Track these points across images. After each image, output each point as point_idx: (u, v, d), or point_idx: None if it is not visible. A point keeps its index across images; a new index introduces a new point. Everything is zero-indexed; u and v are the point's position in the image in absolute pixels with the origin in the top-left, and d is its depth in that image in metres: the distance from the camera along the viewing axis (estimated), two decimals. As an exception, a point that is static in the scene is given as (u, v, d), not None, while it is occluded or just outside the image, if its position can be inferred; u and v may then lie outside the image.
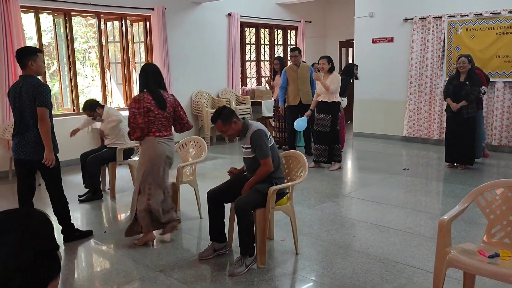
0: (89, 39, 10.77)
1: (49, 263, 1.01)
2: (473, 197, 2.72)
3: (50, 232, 1.05)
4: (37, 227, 1.01)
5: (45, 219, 1.05)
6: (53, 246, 1.04)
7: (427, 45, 8.15)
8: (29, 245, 0.97)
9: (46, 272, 1.00)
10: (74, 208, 4.99)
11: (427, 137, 8.33)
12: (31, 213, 1.04)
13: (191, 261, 3.48)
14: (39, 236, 1.00)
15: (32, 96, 3.56)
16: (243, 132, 3.61)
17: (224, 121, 3.51)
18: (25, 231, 0.98)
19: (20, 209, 1.05)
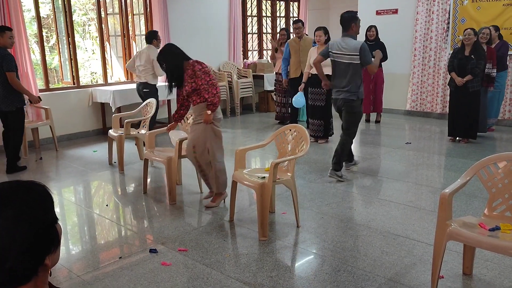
0: (88, 11, 10.60)
1: (47, 236, 1.00)
2: (475, 171, 2.70)
3: (49, 205, 1.04)
4: (36, 199, 1.00)
5: (44, 192, 1.04)
6: (51, 219, 1.03)
7: (432, 17, 7.99)
8: (27, 218, 0.96)
9: (45, 245, 0.99)
10: (86, 180, 5.02)
11: (430, 111, 8.28)
12: (29, 185, 1.03)
13: (192, 234, 3.50)
14: (38, 209, 0.99)
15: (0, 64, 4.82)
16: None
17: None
18: (23, 204, 0.97)
19: (19, 181, 1.03)
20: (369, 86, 7.67)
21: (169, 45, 4.09)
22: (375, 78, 7.64)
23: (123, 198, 4.59)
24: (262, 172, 3.71)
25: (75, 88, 7.04)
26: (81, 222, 3.98)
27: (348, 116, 4.74)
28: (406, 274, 2.84)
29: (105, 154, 5.77)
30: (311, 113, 6.51)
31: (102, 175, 5.23)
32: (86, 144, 6.70)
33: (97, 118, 7.29)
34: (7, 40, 4.88)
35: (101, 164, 5.59)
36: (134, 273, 2.92)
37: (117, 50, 7.91)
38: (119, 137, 5.21)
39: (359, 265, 2.96)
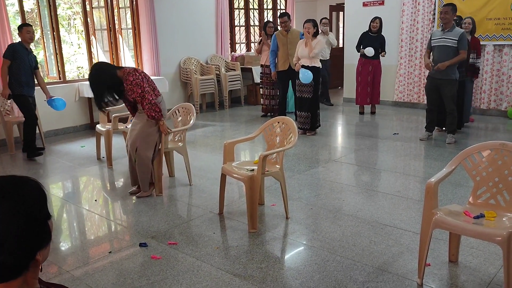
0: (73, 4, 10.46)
1: (39, 231, 1.00)
2: (460, 160, 2.75)
3: (42, 201, 1.04)
4: (30, 195, 1.01)
5: (38, 188, 1.04)
6: (44, 215, 1.03)
7: (418, 8, 8.04)
8: (20, 212, 0.96)
9: (36, 240, 0.99)
10: (74, 175, 4.99)
11: (417, 102, 8.35)
12: (24, 181, 1.03)
13: (182, 227, 3.51)
14: (31, 204, 0.99)
15: None
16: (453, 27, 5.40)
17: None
18: (17, 198, 0.98)
19: (14, 176, 1.04)
20: (367, 78, 7.68)
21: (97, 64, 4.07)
22: (374, 70, 7.66)
23: (112, 193, 4.57)
24: (251, 164, 3.72)
25: (61, 83, 6.97)
26: (70, 217, 3.96)
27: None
28: (394, 263, 2.89)
29: (93, 149, 5.73)
30: (298, 105, 6.53)
31: (90, 170, 5.20)
32: (74, 140, 6.65)
33: (84, 113, 7.23)
34: (26, 35, 5.38)
35: (89, 159, 5.56)
36: (124, 268, 2.92)
37: (103, 44, 7.83)
38: (107, 132, 5.18)
39: (348, 255, 3.00)
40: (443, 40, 5.49)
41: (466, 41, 5.48)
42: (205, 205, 3.97)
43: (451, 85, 5.59)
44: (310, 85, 6.20)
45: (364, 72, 7.67)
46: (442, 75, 5.55)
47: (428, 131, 6.03)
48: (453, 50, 5.44)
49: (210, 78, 8.51)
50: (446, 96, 5.65)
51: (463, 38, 5.39)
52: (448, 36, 5.44)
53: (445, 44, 5.47)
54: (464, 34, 5.44)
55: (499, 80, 7.40)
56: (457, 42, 5.39)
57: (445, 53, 5.47)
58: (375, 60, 7.57)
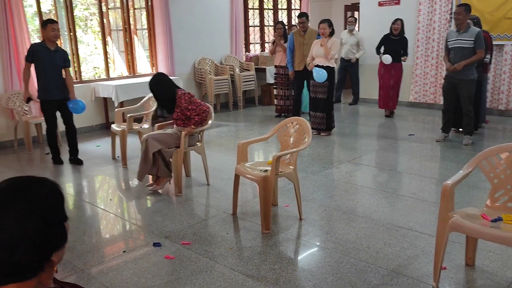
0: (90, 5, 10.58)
1: (55, 233, 1.00)
2: (477, 162, 2.70)
3: (59, 203, 1.04)
4: (46, 196, 1.01)
5: (55, 189, 1.04)
6: (61, 216, 1.03)
7: (434, 7, 7.94)
8: (36, 213, 0.96)
9: (53, 241, 1.00)
10: (89, 175, 5.05)
11: (433, 103, 8.24)
12: (41, 182, 1.03)
13: (196, 227, 3.52)
14: (47, 206, 1.00)
15: None
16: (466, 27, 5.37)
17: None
18: (34, 199, 0.98)
19: (31, 177, 1.04)
20: (390, 81, 7.49)
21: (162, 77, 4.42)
22: (396, 73, 7.44)
23: (126, 192, 4.61)
24: (265, 165, 3.71)
25: (78, 83, 7.04)
26: (85, 216, 4.00)
27: None
28: (409, 266, 2.85)
29: (108, 148, 5.79)
30: (312, 106, 6.50)
31: (105, 170, 5.26)
32: (89, 139, 6.72)
33: (100, 112, 7.31)
34: (50, 33, 4.98)
35: (104, 159, 5.61)
36: (138, 267, 2.94)
37: (119, 45, 7.91)
38: (122, 131, 5.23)
39: (362, 257, 2.97)
40: (459, 42, 5.41)
41: (483, 40, 5.39)
42: (219, 206, 3.98)
43: (468, 85, 5.50)
44: (324, 85, 6.17)
45: (387, 75, 7.49)
46: (460, 75, 5.47)
47: (444, 132, 5.95)
48: (470, 50, 5.36)
49: (224, 78, 8.53)
50: (463, 97, 5.56)
51: (479, 38, 5.30)
52: (464, 37, 5.36)
53: (461, 46, 5.39)
54: (480, 33, 5.35)
55: (518, 81, 7.26)
56: (474, 42, 5.30)
57: (461, 54, 5.39)
58: (397, 64, 7.36)
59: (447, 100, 5.82)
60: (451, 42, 5.52)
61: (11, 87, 6.20)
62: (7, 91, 6.19)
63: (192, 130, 4.33)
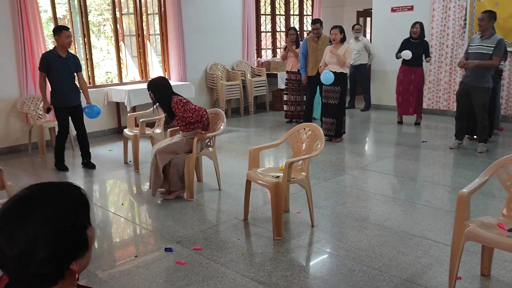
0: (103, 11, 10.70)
1: (74, 241, 0.98)
2: (494, 170, 2.66)
3: (81, 209, 1.01)
4: (66, 203, 0.98)
5: (77, 195, 1.01)
6: (82, 223, 1.01)
7: (448, 13, 7.88)
8: (54, 222, 0.94)
9: (71, 250, 0.98)
10: (101, 179, 5.08)
11: (447, 109, 8.16)
12: (62, 189, 1.01)
13: (207, 233, 3.51)
14: (67, 214, 0.97)
15: None
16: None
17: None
18: (52, 207, 0.96)
19: (54, 183, 1.02)
20: (409, 87, 7.29)
21: (163, 81, 4.45)
22: (416, 78, 7.23)
23: (138, 197, 4.62)
24: (276, 171, 3.70)
25: (91, 88, 7.09)
26: (96, 220, 4.02)
27: None
28: (423, 275, 2.81)
29: (120, 153, 5.82)
30: (324, 111, 6.47)
31: (117, 174, 5.28)
32: (102, 143, 6.77)
33: (112, 117, 7.36)
34: (65, 40, 5.00)
35: (116, 163, 5.64)
36: (149, 272, 2.94)
37: (132, 50, 7.97)
38: (134, 136, 5.25)
39: (375, 265, 2.93)
40: (480, 47, 5.35)
41: (502, 48, 5.31)
42: (230, 211, 3.97)
43: (483, 92, 5.43)
44: (336, 91, 6.14)
45: (406, 80, 7.32)
46: (475, 82, 5.40)
47: (458, 139, 5.88)
48: (489, 57, 5.29)
49: (235, 84, 8.54)
50: (477, 104, 5.49)
51: (499, 45, 5.24)
52: (486, 43, 5.29)
53: (481, 52, 5.32)
54: (501, 41, 5.28)
55: (533, 88, 7.17)
56: (494, 48, 5.24)
57: (480, 60, 5.32)
58: (418, 68, 7.20)
59: (460, 106, 5.75)
60: (472, 47, 5.46)
61: (26, 92, 6.27)
62: (22, 95, 6.27)
63: (203, 136, 4.34)
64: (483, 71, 5.33)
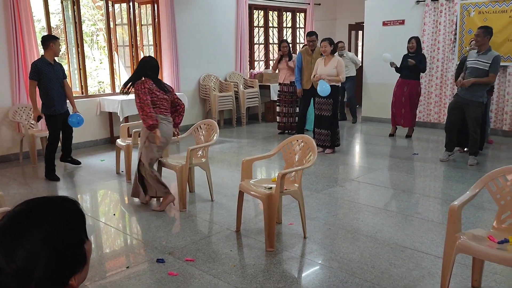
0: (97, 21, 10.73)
1: (72, 257, 0.98)
2: (484, 183, 2.69)
3: (77, 224, 1.01)
4: (64, 220, 0.97)
5: (74, 210, 1.01)
6: (78, 238, 1.00)
7: (439, 28, 8.01)
8: (53, 241, 0.94)
9: (68, 266, 0.97)
10: (93, 189, 5.04)
11: (437, 122, 8.26)
12: (59, 203, 1.00)
13: (199, 244, 3.50)
14: (65, 231, 0.96)
15: None
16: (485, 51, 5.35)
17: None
18: (50, 225, 0.95)
19: (49, 198, 1.01)
20: (401, 98, 7.38)
21: (150, 60, 4.27)
22: (409, 91, 7.30)
23: (130, 207, 4.59)
24: (269, 182, 3.71)
25: (84, 98, 7.10)
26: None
27: None
28: (415, 287, 2.82)
29: (112, 163, 5.80)
30: (317, 123, 6.51)
31: (109, 184, 5.25)
32: (94, 153, 6.74)
33: (105, 127, 7.34)
34: (58, 48, 5.26)
35: (108, 173, 5.62)
36: (141, 283, 2.92)
37: (125, 60, 7.99)
38: (127, 146, 5.24)
39: (367, 277, 2.94)
40: (475, 62, 5.41)
41: (498, 65, 5.38)
42: (223, 222, 3.96)
43: (476, 107, 5.50)
44: (329, 103, 6.20)
45: (399, 92, 7.41)
46: (470, 96, 5.47)
47: (448, 151, 5.93)
48: (484, 73, 5.34)
49: (228, 95, 8.58)
50: (470, 117, 5.56)
51: (495, 62, 5.29)
52: (482, 59, 5.35)
53: (477, 67, 5.37)
54: (498, 58, 5.33)
55: (522, 102, 7.28)
56: (490, 65, 5.31)
57: (476, 75, 5.37)
58: (412, 81, 7.28)
59: (450, 118, 5.81)
60: (469, 62, 5.51)
61: (18, 101, 6.24)
62: (15, 104, 6.24)
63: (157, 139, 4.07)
64: (479, 86, 5.40)
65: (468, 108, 5.52)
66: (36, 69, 5.11)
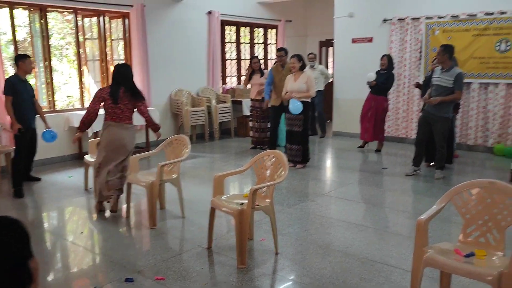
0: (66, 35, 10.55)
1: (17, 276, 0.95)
2: (450, 197, 2.76)
3: (21, 242, 0.98)
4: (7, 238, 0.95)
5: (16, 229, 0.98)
6: (23, 257, 0.98)
7: (405, 45, 8.26)
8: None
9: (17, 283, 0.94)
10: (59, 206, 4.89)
11: (405, 137, 8.45)
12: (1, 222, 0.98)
13: (170, 262, 3.44)
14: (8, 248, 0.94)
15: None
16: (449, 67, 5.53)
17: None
18: None
19: None
20: (367, 113, 7.55)
21: (127, 68, 4.67)
22: (376, 106, 7.48)
23: (99, 224, 4.48)
24: (241, 198, 3.70)
25: (52, 113, 6.93)
26: (53, 250, 3.86)
27: None
28: (385, 301, 2.85)
29: (81, 179, 5.66)
30: (288, 139, 6.56)
31: (77, 201, 5.12)
32: (61, 170, 6.57)
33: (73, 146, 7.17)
34: (29, 66, 5.34)
35: (76, 190, 5.48)
36: (109, 304, 2.83)
37: (95, 75, 7.87)
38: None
39: (338, 293, 2.95)
40: (439, 80, 5.61)
41: (461, 82, 5.56)
42: (194, 239, 3.91)
43: (443, 122, 5.68)
44: (300, 118, 6.26)
45: (366, 107, 7.59)
46: (436, 111, 5.65)
47: (415, 166, 6.07)
48: (447, 90, 5.52)
49: (201, 109, 8.56)
50: (437, 132, 5.73)
51: (458, 79, 5.48)
52: (445, 76, 5.55)
53: (441, 84, 5.57)
54: (460, 75, 5.53)
55: (485, 117, 7.55)
56: (453, 82, 5.50)
57: (440, 92, 5.57)
58: (379, 97, 7.47)
59: (419, 133, 6.00)
60: (434, 79, 5.72)
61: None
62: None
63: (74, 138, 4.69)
64: (445, 102, 5.58)
65: (435, 124, 5.70)
66: (10, 85, 5.22)
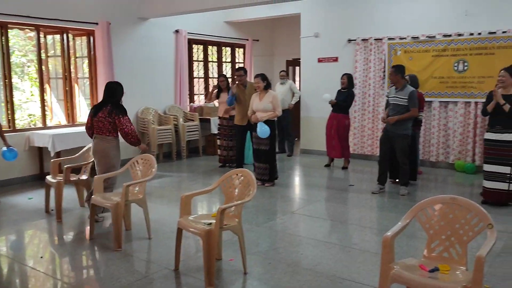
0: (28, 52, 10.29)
1: None
2: (414, 213, 2.82)
3: None
4: None
5: None
6: None
7: (369, 65, 8.49)
8: None
9: None
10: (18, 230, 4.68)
11: (371, 154, 8.62)
12: None
13: (135, 285, 3.34)
14: None
15: None
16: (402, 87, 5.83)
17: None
18: None
19: None
20: (330, 131, 7.69)
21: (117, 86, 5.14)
22: (337, 124, 7.62)
23: (60, 248, 4.31)
24: (209, 218, 3.65)
25: (11, 132, 6.69)
26: (10, 276, 3.68)
27: None
28: (353, 319, 2.85)
29: (41, 201, 5.45)
30: (256, 157, 6.56)
31: (37, 224, 4.92)
32: (20, 191, 6.32)
33: (33, 163, 6.94)
34: None
35: (36, 212, 5.27)
36: (70, 332, 2.71)
37: (58, 93, 7.68)
38: (58, 183, 4.97)
39: (307, 312, 2.93)
40: (395, 99, 5.86)
41: (415, 99, 5.79)
42: (160, 261, 3.82)
43: (402, 138, 5.85)
44: (267, 137, 6.27)
45: (328, 125, 7.77)
46: (395, 129, 5.84)
47: (380, 184, 6.18)
48: (404, 108, 5.76)
49: (168, 128, 8.47)
50: (398, 149, 5.89)
51: (411, 97, 5.73)
52: (399, 95, 5.79)
53: (397, 103, 5.82)
54: (413, 92, 5.78)
55: (446, 134, 7.81)
56: (407, 100, 5.71)
57: (397, 110, 5.82)
58: (339, 114, 7.63)
59: (381, 151, 6.15)
60: (390, 98, 5.97)
61: None
62: None
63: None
64: (403, 120, 5.77)
65: (396, 141, 5.87)
66: None
